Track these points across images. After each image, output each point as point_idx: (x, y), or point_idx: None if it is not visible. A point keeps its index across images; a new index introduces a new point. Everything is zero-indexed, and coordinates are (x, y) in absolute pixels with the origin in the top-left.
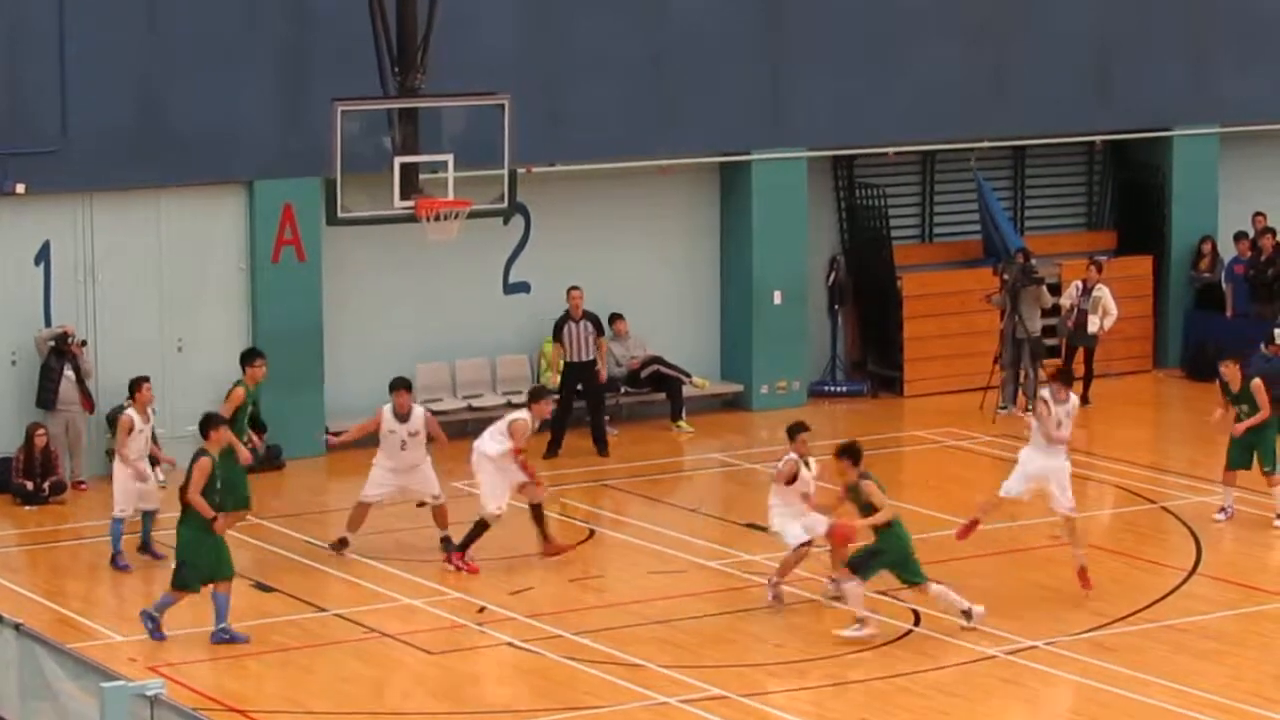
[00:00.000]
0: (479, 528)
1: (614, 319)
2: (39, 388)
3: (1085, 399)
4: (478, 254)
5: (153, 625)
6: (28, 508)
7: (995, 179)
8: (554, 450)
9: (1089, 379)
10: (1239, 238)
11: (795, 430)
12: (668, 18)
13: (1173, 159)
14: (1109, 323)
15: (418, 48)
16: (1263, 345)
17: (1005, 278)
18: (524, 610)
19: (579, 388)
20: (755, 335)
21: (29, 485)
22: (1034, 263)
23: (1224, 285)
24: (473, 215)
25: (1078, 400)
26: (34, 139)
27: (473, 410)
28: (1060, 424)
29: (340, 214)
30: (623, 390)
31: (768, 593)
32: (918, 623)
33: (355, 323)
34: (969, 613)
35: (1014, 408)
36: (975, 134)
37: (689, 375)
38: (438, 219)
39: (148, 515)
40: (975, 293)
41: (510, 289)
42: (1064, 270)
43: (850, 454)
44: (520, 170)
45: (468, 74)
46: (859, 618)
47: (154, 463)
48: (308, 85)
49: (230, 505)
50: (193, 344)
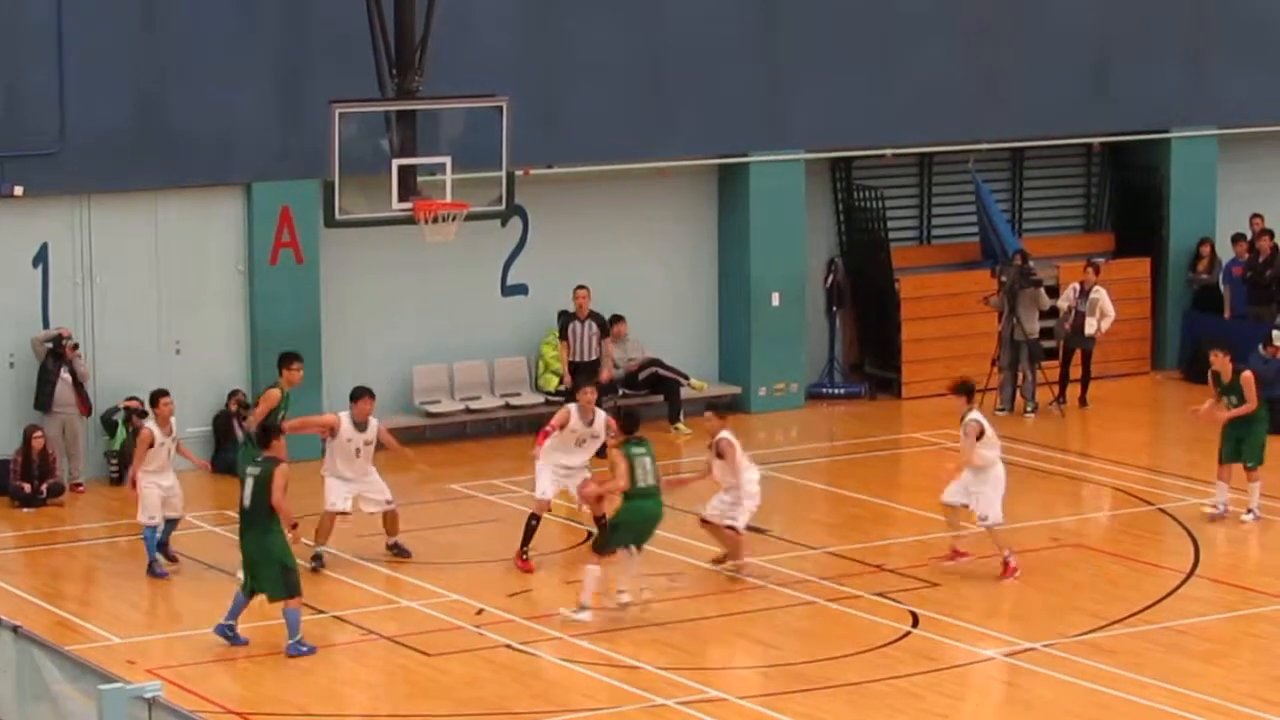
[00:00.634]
0: (529, 520)
1: (614, 320)
2: (36, 390)
3: (1083, 401)
4: (476, 256)
5: (306, 648)
6: (25, 510)
7: (993, 181)
8: None
9: (1086, 381)
10: (1237, 239)
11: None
12: (665, 20)
13: (1171, 161)
14: (1106, 325)
15: (416, 50)
16: (1260, 346)
17: (1003, 280)
18: (522, 612)
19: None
20: (753, 337)
21: (27, 488)
22: (1032, 265)
23: (1222, 287)
24: (471, 217)
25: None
26: (32, 141)
27: (470, 412)
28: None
29: (338, 216)
30: (621, 392)
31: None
32: (915, 625)
33: (353, 325)
34: (584, 607)
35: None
36: (973, 136)
37: (687, 377)
38: (436, 221)
39: (171, 522)
40: (973, 295)
41: (508, 291)
42: (1062, 272)
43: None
44: (518, 172)
45: (466, 76)
46: (582, 603)
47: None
48: (305, 87)
49: None
50: (191, 346)
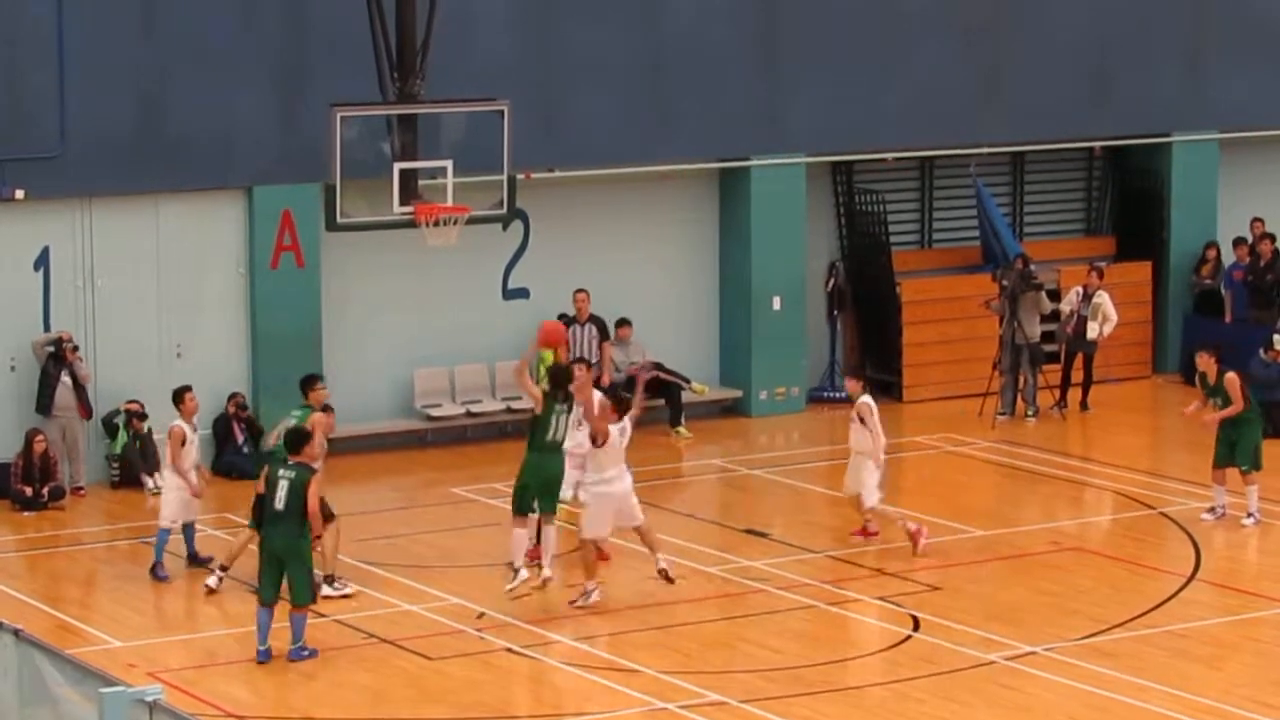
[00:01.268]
0: None
1: (619, 324)
2: (37, 393)
3: (1084, 405)
4: (477, 260)
5: (308, 653)
6: (26, 513)
7: (994, 184)
8: None
9: (1088, 385)
10: (1238, 243)
11: None
12: (666, 24)
13: (1171, 164)
14: (1108, 329)
15: (417, 53)
16: (1261, 351)
17: (1004, 283)
18: (523, 616)
19: None
20: (754, 341)
21: (28, 491)
22: (1033, 268)
23: (1223, 291)
24: (472, 221)
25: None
26: (33, 145)
27: (471, 416)
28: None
29: (339, 220)
30: (620, 395)
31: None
32: (916, 629)
33: (354, 328)
34: (515, 569)
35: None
36: (974, 140)
37: (688, 381)
38: (437, 225)
39: (189, 526)
40: (974, 298)
41: (509, 295)
42: (1063, 276)
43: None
44: (519, 176)
45: (467, 80)
46: (513, 565)
47: (153, 470)
48: (306, 91)
49: None
50: (192, 350)
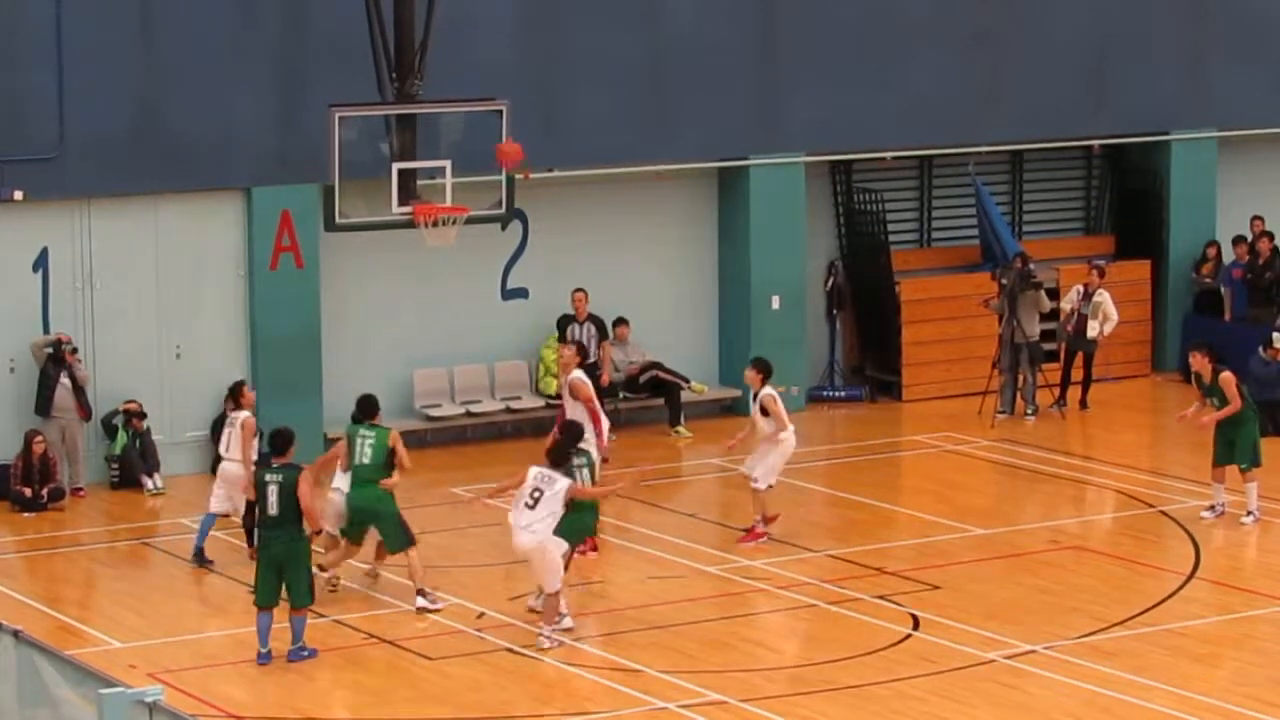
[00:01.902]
0: None
1: (617, 323)
2: (37, 395)
3: (1083, 403)
4: (476, 260)
5: (308, 653)
6: (26, 515)
7: (993, 184)
8: None
9: (1087, 384)
10: (1237, 241)
11: None
12: (665, 23)
13: (1171, 163)
14: (1109, 328)
15: (415, 53)
16: (1260, 349)
17: (1003, 282)
18: (523, 616)
19: None
20: (753, 340)
21: (27, 492)
22: (1032, 267)
23: (1222, 289)
24: (471, 221)
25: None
26: (32, 146)
27: (471, 416)
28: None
29: (338, 220)
30: (621, 395)
31: None
32: (916, 627)
33: (353, 329)
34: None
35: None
36: (973, 139)
37: (687, 380)
38: (435, 225)
39: (214, 518)
40: (973, 297)
41: (508, 295)
42: (1062, 275)
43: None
44: (518, 176)
45: (466, 80)
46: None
47: (152, 471)
48: (305, 91)
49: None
50: (191, 351)
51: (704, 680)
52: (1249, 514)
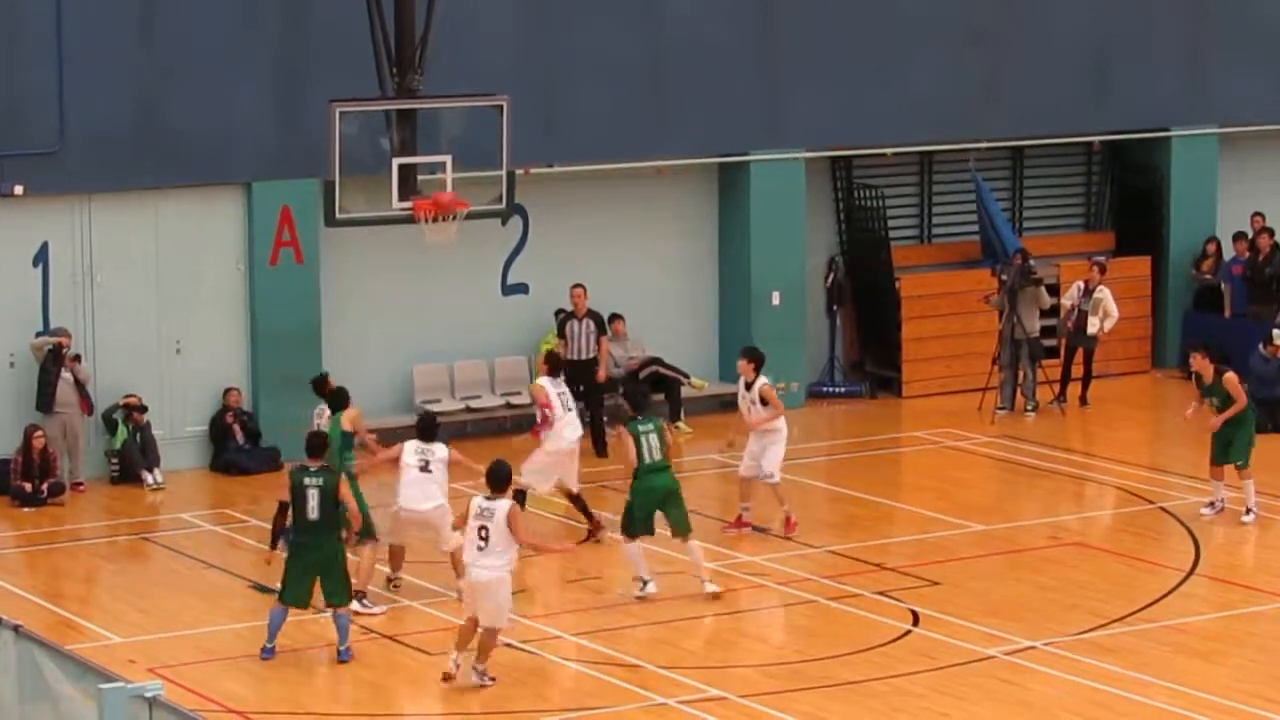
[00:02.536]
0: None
1: (613, 319)
2: (37, 390)
3: (1084, 400)
4: (476, 255)
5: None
6: (26, 509)
7: (993, 180)
8: None
9: (1088, 380)
10: (1238, 238)
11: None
12: (665, 19)
13: (1171, 160)
14: (1109, 324)
15: (416, 49)
16: (1261, 346)
17: (1004, 279)
18: (522, 611)
19: (580, 387)
20: (753, 336)
21: (27, 487)
22: (1032, 264)
23: (1222, 286)
24: (471, 216)
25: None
26: (32, 141)
27: (471, 411)
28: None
29: (338, 215)
30: (621, 391)
31: None
32: (916, 623)
33: (353, 324)
34: (644, 580)
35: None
36: (973, 135)
37: (687, 376)
38: (436, 220)
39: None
40: (973, 294)
41: (508, 290)
42: (1062, 271)
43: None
44: (518, 171)
45: (466, 75)
46: (640, 577)
47: (152, 466)
48: (305, 86)
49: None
50: (191, 346)
51: (704, 676)
52: (1248, 512)
